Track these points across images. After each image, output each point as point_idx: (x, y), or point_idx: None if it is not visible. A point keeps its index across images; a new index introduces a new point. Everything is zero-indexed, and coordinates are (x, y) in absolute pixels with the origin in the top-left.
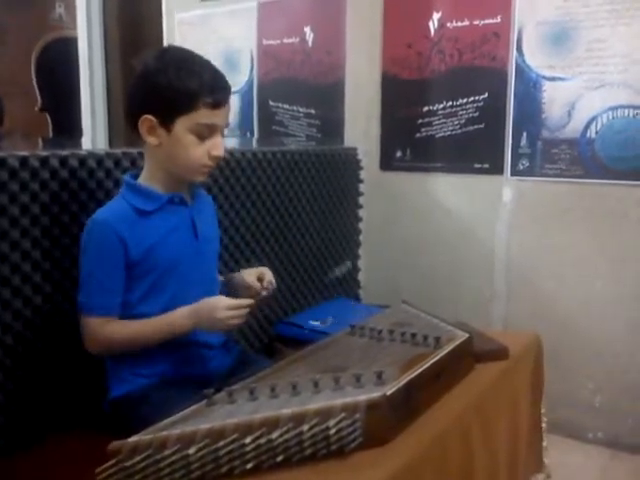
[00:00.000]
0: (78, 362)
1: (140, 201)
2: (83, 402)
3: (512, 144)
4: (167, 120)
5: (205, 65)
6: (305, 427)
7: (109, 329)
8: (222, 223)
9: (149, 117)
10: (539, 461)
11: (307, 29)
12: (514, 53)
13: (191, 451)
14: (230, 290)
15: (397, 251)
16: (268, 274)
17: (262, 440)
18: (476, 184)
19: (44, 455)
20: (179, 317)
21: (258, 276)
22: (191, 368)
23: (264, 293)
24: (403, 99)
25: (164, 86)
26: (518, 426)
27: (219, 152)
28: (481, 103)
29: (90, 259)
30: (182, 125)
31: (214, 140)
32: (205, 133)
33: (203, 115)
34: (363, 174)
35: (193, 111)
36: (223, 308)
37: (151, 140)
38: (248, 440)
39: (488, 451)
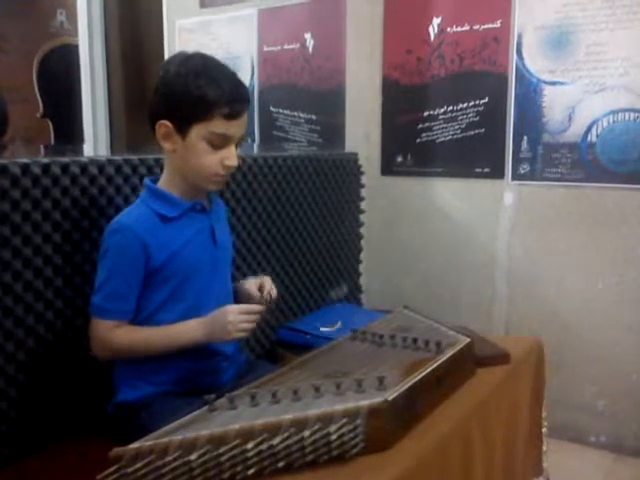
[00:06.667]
0: (80, 368)
1: (163, 207)
2: (85, 408)
3: (513, 148)
4: (183, 127)
5: (226, 75)
6: (306, 433)
7: (118, 333)
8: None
9: (166, 122)
10: (539, 465)
11: (307, 35)
12: (514, 57)
13: (193, 457)
14: (235, 300)
15: (398, 256)
16: (268, 283)
17: (264, 446)
18: (477, 188)
19: (46, 462)
20: (190, 327)
21: (259, 285)
22: (203, 379)
23: (262, 302)
24: (404, 104)
25: (182, 93)
26: (517, 430)
27: (232, 162)
28: (481, 108)
29: (109, 263)
30: (196, 133)
31: (227, 150)
32: (219, 143)
33: (218, 125)
34: (364, 179)
35: (208, 120)
36: (234, 312)
37: (166, 145)
38: (250, 446)
39: (488, 456)
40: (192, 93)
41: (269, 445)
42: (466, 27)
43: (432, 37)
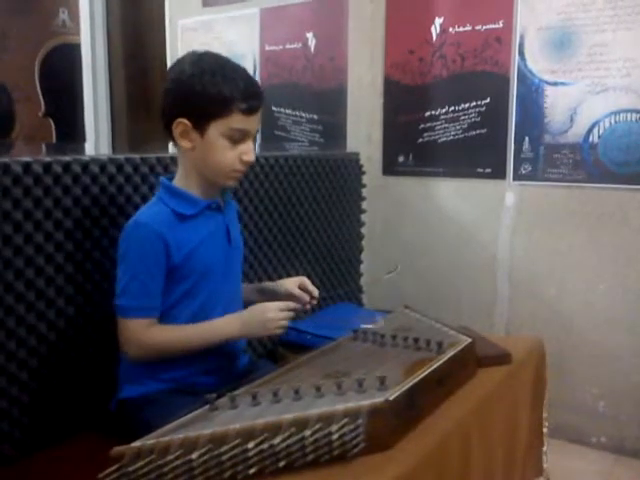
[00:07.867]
0: (82, 365)
1: (180, 205)
2: (87, 405)
3: (514, 149)
4: (201, 124)
5: (239, 71)
6: (307, 432)
7: (153, 332)
8: None
9: (183, 121)
10: (539, 465)
11: (309, 35)
12: (516, 58)
13: (194, 456)
14: (266, 299)
15: (400, 255)
16: (309, 283)
17: (264, 445)
18: (478, 189)
19: (49, 460)
20: (227, 322)
21: (299, 285)
22: (208, 377)
23: (314, 302)
24: (405, 104)
25: (199, 91)
26: (517, 430)
27: (250, 157)
28: (483, 108)
29: (133, 262)
30: (215, 129)
31: (245, 145)
32: (237, 138)
33: (236, 120)
34: (365, 179)
35: (227, 116)
36: (274, 309)
37: (184, 143)
38: (251, 445)
39: (487, 456)
40: (209, 91)
41: (270, 445)
42: (468, 27)
43: (434, 37)
